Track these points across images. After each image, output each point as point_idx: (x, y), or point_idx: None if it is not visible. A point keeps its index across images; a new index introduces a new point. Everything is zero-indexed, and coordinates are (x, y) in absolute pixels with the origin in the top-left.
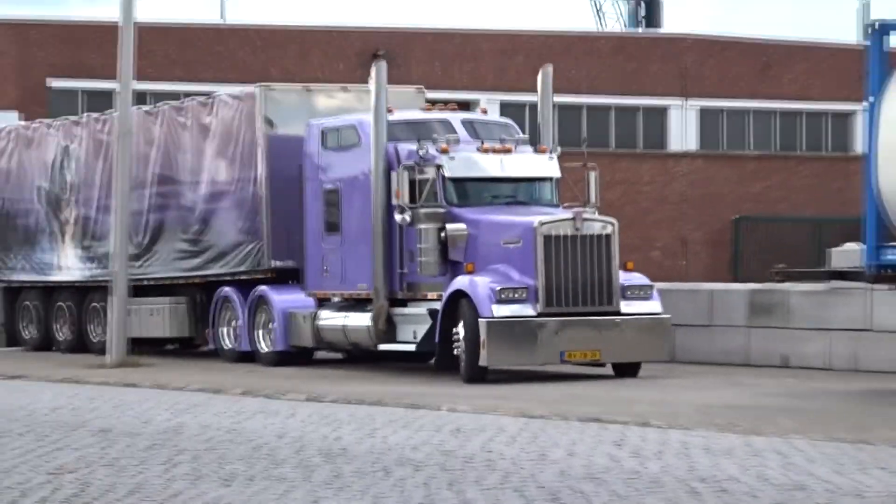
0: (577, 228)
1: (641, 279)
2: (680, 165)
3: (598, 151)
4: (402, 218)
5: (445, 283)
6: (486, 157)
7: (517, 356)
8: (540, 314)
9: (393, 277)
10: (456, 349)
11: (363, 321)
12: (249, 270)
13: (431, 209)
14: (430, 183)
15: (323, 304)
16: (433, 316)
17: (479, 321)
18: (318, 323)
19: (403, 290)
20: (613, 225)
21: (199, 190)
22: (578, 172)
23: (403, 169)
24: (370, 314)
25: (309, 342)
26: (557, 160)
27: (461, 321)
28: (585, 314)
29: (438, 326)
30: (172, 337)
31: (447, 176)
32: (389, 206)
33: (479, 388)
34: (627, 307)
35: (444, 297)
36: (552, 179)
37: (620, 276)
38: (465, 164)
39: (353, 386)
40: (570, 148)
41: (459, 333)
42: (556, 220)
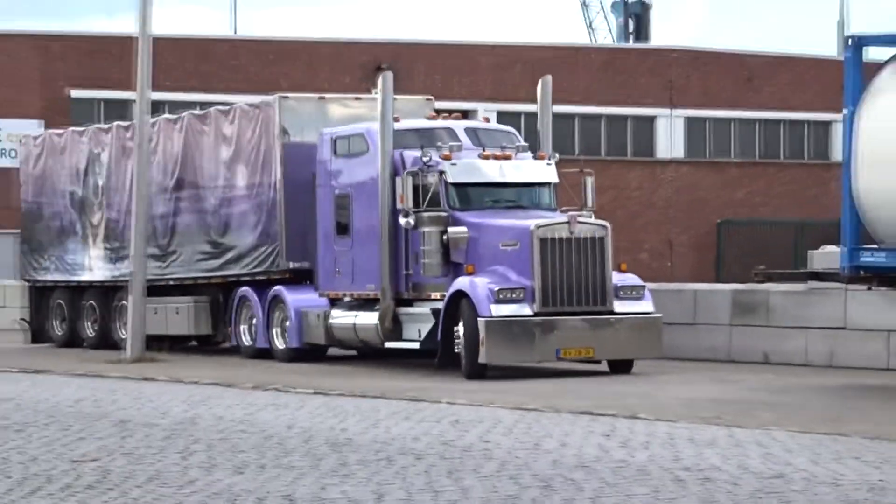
0: (571, 231)
1: (634, 280)
2: (667, 172)
3: (589, 158)
4: (406, 221)
5: (448, 283)
6: (486, 163)
7: (514, 353)
8: (536, 313)
9: (399, 278)
10: (457, 347)
11: (371, 320)
12: (266, 271)
13: (434, 213)
14: (433, 188)
15: (335, 303)
16: (436, 315)
17: (478, 320)
18: (329, 321)
19: (409, 290)
20: (607, 228)
21: (219, 194)
22: (576, 178)
23: (408, 175)
24: (378, 313)
25: (321, 340)
26: (555, 166)
27: (461, 320)
28: (580, 313)
29: (440, 325)
30: (194, 334)
31: (449, 181)
32: (395, 210)
33: (478, 383)
34: (621, 307)
35: (445, 297)
36: (550, 185)
37: (614, 276)
38: (466, 170)
39: (358, 380)
40: (564, 155)
41: (460, 332)
42: (551, 223)
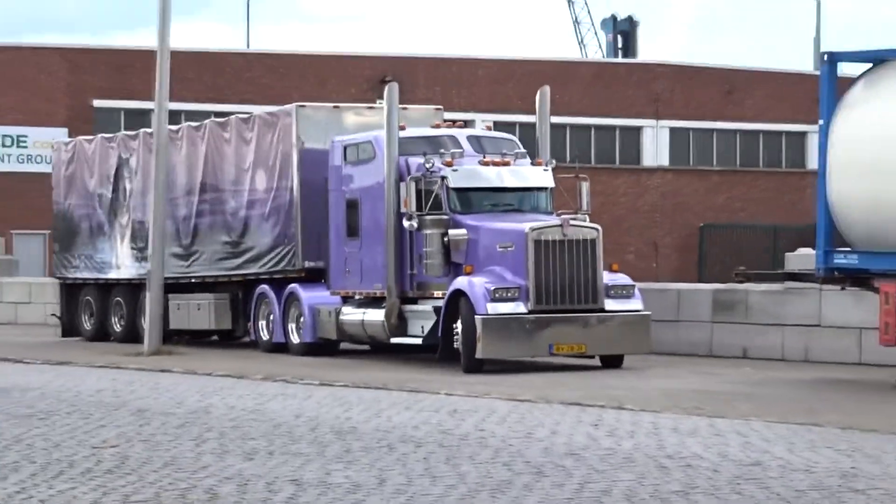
0: (564, 234)
1: (625, 279)
2: (652, 179)
3: (579, 166)
4: (409, 224)
5: (449, 282)
6: (486, 169)
7: (509, 349)
8: (530, 311)
9: (404, 278)
10: (456, 342)
11: (378, 317)
12: (283, 270)
13: (436, 216)
14: (435, 192)
15: (347, 300)
16: (437, 313)
17: (475, 317)
18: (340, 318)
19: (413, 289)
20: (598, 231)
21: (239, 198)
22: (571, 182)
23: (411, 180)
24: (384, 311)
25: (333, 335)
26: (552, 172)
27: (460, 318)
28: (572, 311)
29: (440, 322)
30: (215, 329)
31: (451, 186)
32: (400, 213)
33: (475, 376)
34: (611, 305)
35: (445, 295)
36: (547, 189)
37: (605, 276)
38: (467, 175)
39: (363, 373)
40: (557, 163)
41: (458, 328)
42: (545, 226)
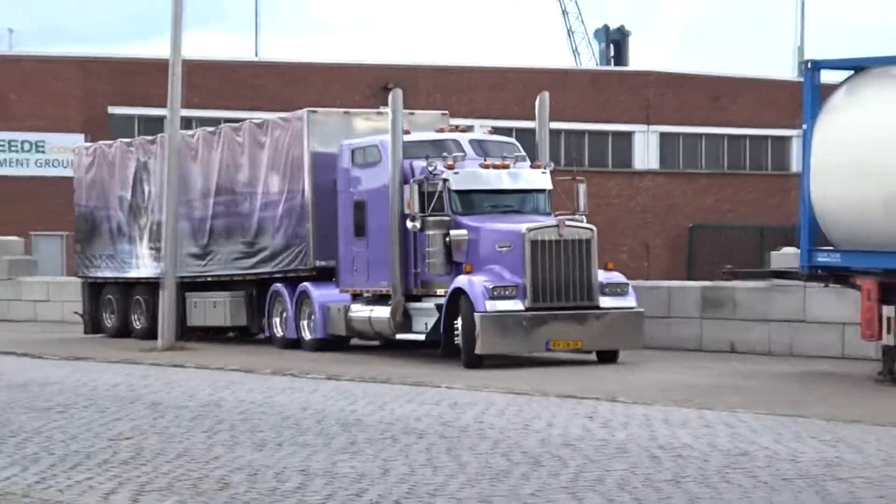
0: (560, 234)
1: (619, 278)
2: (643, 182)
3: (573, 170)
4: (412, 225)
5: (451, 281)
6: (486, 171)
7: (507, 345)
8: (528, 308)
9: (409, 276)
10: (456, 339)
11: (385, 314)
12: (296, 269)
13: (438, 217)
14: (437, 194)
15: (356, 298)
16: (439, 310)
17: (474, 315)
18: (349, 315)
19: (418, 287)
20: (593, 231)
21: (254, 200)
22: (569, 184)
23: (415, 182)
24: (390, 308)
25: (342, 331)
26: (550, 175)
27: (460, 315)
28: (568, 308)
29: (442, 319)
30: (230, 325)
31: (452, 188)
32: (404, 214)
33: (475, 371)
34: (606, 302)
35: (446, 294)
36: (545, 191)
37: (601, 274)
38: (468, 178)
39: (368, 367)
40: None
41: (459, 325)
42: (541, 226)
